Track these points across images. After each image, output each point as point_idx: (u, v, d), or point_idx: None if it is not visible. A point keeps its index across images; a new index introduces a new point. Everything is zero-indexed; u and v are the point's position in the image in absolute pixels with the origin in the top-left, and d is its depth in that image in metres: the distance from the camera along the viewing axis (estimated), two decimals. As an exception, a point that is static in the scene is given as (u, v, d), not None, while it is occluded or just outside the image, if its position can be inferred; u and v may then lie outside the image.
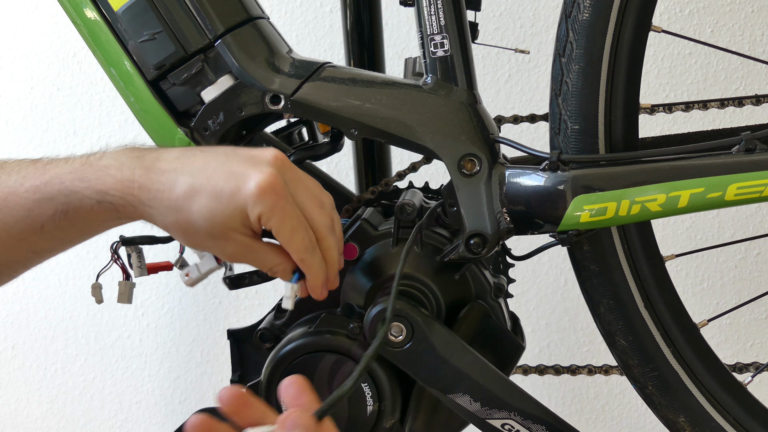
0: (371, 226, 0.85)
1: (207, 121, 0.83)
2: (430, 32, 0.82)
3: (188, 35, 0.82)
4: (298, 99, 0.83)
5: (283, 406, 0.63)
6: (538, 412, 0.80)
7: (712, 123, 1.49)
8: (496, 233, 0.81)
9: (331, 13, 1.55)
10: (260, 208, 0.72)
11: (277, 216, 0.72)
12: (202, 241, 0.75)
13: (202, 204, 0.72)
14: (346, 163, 1.51)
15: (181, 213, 0.73)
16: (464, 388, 0.80)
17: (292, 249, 0.75)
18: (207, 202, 0.72)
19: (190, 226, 0.73)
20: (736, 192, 0.75)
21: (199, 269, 0.84)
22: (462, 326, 0.83)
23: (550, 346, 1.60)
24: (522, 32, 1.51)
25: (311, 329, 0.81)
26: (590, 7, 0.79)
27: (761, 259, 1.53)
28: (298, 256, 0.75)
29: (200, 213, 0.72)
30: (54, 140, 1.63)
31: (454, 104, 0.82)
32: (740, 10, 1.46)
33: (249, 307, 1.64)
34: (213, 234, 0.73)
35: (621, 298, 0.84)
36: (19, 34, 1.60)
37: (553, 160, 0.78)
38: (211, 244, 0.75)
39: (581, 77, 0.80)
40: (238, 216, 0.72)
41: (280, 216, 0.73)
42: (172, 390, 1.70)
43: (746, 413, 0.85)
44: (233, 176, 0.73)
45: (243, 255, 0.76)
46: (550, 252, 0.97)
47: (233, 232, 0.73)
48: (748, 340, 1.57)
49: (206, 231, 0.73)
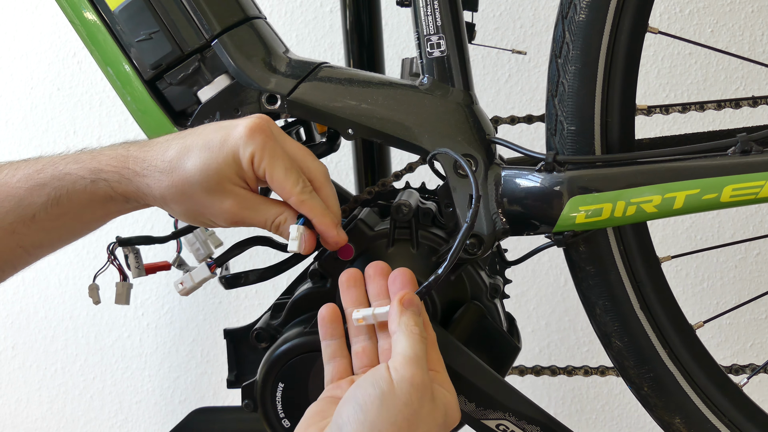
0: (367, 226, 0.85)
1: (204, 120, 0.83)
2: (427, 33, 0.82)
3: (185, 35, 0.82)
4: (295, 99, 0.83)
5: (392, 294, 0.74)
6: (532, 412, 0.80)
7: (710, 124, 1.49)
8: (492, 234, 0.81)
9: (331, 13, 1.55)
10: (251, 148, 0.73)
11: (268, 155, 0.74)
12: (200, 201, 0.75)
13: (195, 158, 0.74)
14: (345, 163, 1.51)
15: (175, 173, 0.74)
16: (459, 388, 0.79)
17: (288, 191, 0.75)
18: (199, 153, 0.74)
19: (185, 184, 0.74)
20: (731, 193, 0.75)
21: (192, 278, 0.84)
22: (457, 327, 0.83)
23: (550, 346, 1.60)
24: (521, 32, 1.51)
25: (307, 329, 0.81)
26: (587, 8, 0.79)
27: (761, 259, 1.53)
28: (296, 198, 0.75)
29: (194, 166, 0.74)
30: (54, 140, 1.63)
31: (450, 105, 0.82)
32: (740, 10, 1.46)
33: (249, 307, 1.64)
34: (209, 188, 0.74)
35: (617, 299, 0.84)
36: (19, 34, 1.60)
37: (549, 161, 0.78)
38: (208, 203, 0.75)
39: (577, 78, 0.80)
40: (232, 162, 0.74)
41: (271, 155, 0.74)
42: (172, 390, 1.70)
43: (742, 415, 0.85)
44: (222, 128, 0.75)
45: (242, 212, 0.76)
46: (550, 252, 0.97)
47: (229, 183, 0.74)
48: (748, 340, 1.56)
49: (202, 185, 0.74)
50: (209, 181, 0.74)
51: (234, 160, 0.74)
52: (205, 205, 0.75)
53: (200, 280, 0.83)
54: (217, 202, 0.75)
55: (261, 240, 0.86)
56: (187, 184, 0.74)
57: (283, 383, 0.80)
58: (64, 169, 0.76)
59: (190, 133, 0.76)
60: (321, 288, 0.85)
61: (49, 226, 0.77)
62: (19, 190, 0.76)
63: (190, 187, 0.74)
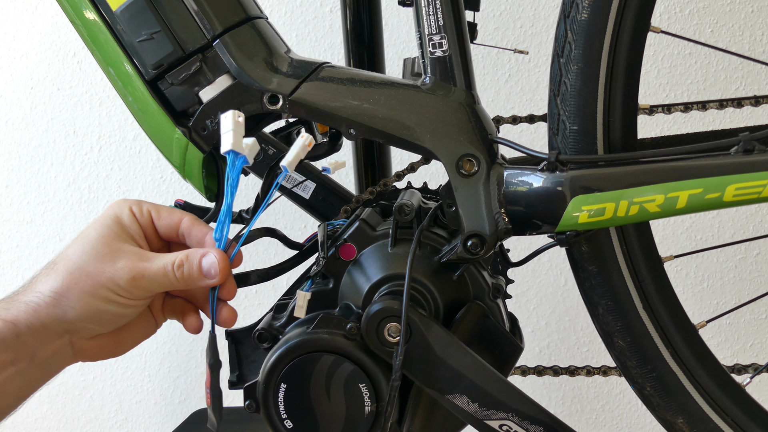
0: (369, 226, 0.85)
1: (205, 121, 0.83)
2: (429, 32, 0.82)
3: (186, 35, 0.82)
4: (296, 99, 0.83)
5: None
6: (535, 412, 0.80)
7: (711, 124, 1.49)
8: (495, 234, 0.81)
9: (331, 13, 1.55)
10: (127, 203, 0.79)
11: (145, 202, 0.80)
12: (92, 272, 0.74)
13: (74, 243, 0.76)
14: (346, 163, 1.51)
15: (58, 264, 0.75)
16: (462, 388, 0.79)
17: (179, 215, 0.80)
18: (77, 239, 0.76)
19: (72, 264, 0.74)
20: (734, 193, 0.75)
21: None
22: (460, 327, 0.83)
23: (550, 346, 1.60)
24: (522, 32, 1.51)
25: (309, 329, 0.80)
26: (589, 7, 0.79)
27: (761, 259, 1.53)
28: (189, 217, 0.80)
29: (77, 244, 0.76)
30: (54, 140, 1.63)
31: (452, 104, 0.82)
32: (740, 10, 1.46)
33: (249, 307, 1.64)
34: (98, 254, 0.75)
35: (619, 298, 0.84)
36: (19, 34, 1.60)
37: (552, 160, 0.78)
38: (101, 269, 0.74)
39: (580, 78, 0.80)
40: (112, 223, 0.77)
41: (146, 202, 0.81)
42: (172, 390, 1.70)
43: (745, 414, 0.85)
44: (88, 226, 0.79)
45: (138, 264, 0.76)
46: (550, 252, 0.97)
47: (116, 243, 0.76)
48: (748, 340, 1.57)
49: (90, 255, 0.74)
50: (96, 247, 0.74)
51: (115, 220, 0.76)
52: (99, 272, 0.74)
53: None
54: (110, 265, 0.74)
55: (268, 231, 0.86)
56: (76, 263, 0.74)
57: (285, 384, 0.80)
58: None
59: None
60: (323, 288, 0.85)
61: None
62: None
63: (80, 260, 0.74)
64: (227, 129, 0.76)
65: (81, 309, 0.74)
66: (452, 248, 0.82)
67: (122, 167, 1.63)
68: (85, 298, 0.74)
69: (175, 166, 0.85)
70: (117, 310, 0.75)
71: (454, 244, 0.82)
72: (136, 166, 1.62)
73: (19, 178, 1.66)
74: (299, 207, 1.11)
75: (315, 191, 1.10)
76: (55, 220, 1.67)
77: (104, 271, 0.74)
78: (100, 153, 1.63)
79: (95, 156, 1.63)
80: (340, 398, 0.80)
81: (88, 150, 1.63)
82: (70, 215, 1.66)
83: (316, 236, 0.87)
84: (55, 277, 0.74)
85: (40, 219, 1.68)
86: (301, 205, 1.11)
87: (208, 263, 0.77)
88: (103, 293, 0.74)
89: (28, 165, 1.65)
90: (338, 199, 1.10)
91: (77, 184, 1.65)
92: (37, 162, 1.65)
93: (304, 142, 0.79)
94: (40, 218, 1.68)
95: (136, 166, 1.62)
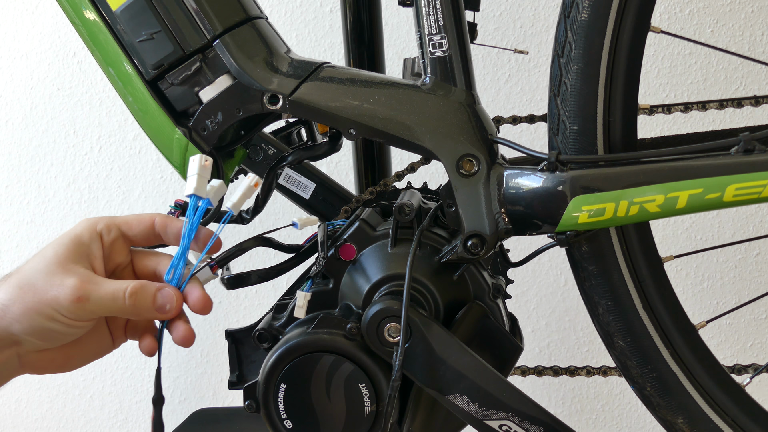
0: (369, 226, 0.85)
1: (205, 120, 0.83)
2: (429, 32, 0.82)
3: (186, 35, 0.82)
4: (297, 99, 0.83)
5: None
6: (535, 413, 0.80)
7: (711, 124, 1.49)
8: (495, 234, 0.81)
9: (331, 13, 1.55)
10: (92, 220, 0.78)
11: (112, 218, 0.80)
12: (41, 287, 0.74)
13: (32, 259, 0.75)
14: (346, 163, 1.51)
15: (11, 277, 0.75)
16: (462, 388, 0.80)
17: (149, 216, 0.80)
18: (34, 257, 0.75)
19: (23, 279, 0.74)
20: (734, 193, 0.75)
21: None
22: (460, 327, 0.83)
23: (550, 346, 1.60)
24: (522, 32, 1.51)
25: (309, 329, 0.80)
26: (589, 7, 0.79)
27: (761, 260, 1.53)
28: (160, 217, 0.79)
29: (32, 260, 0.75)
30: (54, 140, 1.63)
31: (452, 104, 0.82)
32: (740, 10, 1.46)
33: (249, 307, 1.64)
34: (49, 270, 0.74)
35: (619, 299, 0.84)
36: (19, 34, 1.60)
37: (552, 160, 0.78)
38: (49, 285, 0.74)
39: (580, 78, 0.80)
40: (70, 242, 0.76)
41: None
42: (172, 390, 1.70)
43: (745, 414, 0.85)
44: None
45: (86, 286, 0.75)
46: (550, 252, 0.97)
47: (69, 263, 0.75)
48: (748, 340, 1.57)
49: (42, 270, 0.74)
50: (49, 265, 0.74)
51: (74, 239, 0.75)
52: (46, 290, 0.73)
53: (202, 281, 0.83)
54: (57, 284, 0.73)
55: (263, 240, 0.86)
56: (27, 278, 0.74)
57: (285, 384, 0.80)
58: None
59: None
60: (323, 288, 0.85)
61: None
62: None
63: (31, 276, 0.74)
64: (192, 173, 0.77)
65: (25, 324, 0.74)
66: (452, 248, 0.82)
67: (122, 167, 1.63)
68: (29, 313, 0.73)
69: (175, 166, 0.85)
70: (60, 329, 0.75)
71: (454, 244, 0.82)
72: (136, 166, 1.62)
73: (19, 178, 1.66)
74: (299, 207, 1.12)
75: (315, 191, 1.10)
76: (55, 220, 1.67)
77: (50, 289, 0.73)
78: (100, 153, 1.63)
79: (95, 156, 1.63)
80: (340, 398, 0.80)
81: (88, 150, 1.63)
82: (70, 215, 1.66)
83: (316, 236, 0.87)
84: (6, 289, 0.74)
85: (40, 219, 1.68)
86: (301, 206, 1.11)
87: (163, 298, 0.77)
88: (46, 311, 0.73)
89: (28, 165, 1.65)
90: (338, 199, 1.11)
91: (77, 184, 1.65)
92: (37, 162, 1.65)
93: (250, 182, 0.79)
94: (40, 218, 1.68)
95: (136, 166, 1.62)
